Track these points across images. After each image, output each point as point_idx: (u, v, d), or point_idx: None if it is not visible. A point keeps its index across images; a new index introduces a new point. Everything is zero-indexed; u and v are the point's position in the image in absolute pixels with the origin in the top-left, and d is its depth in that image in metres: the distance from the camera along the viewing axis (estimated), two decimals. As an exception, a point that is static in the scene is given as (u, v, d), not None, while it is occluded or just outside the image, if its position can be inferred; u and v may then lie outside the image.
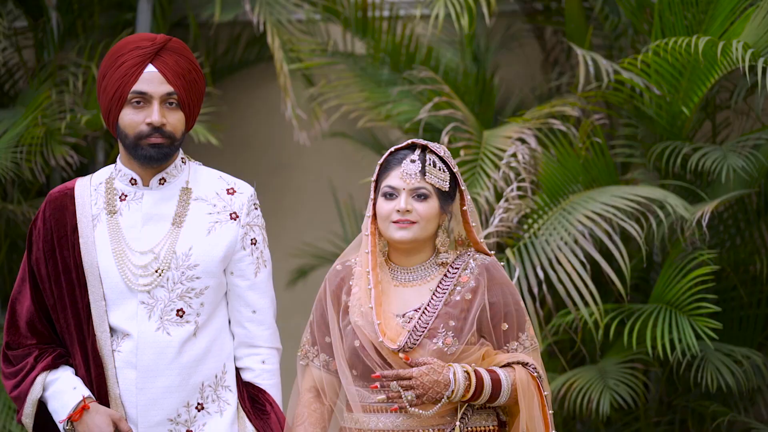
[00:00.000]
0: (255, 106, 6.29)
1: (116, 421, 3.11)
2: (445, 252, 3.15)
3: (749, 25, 4.74)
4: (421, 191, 3.08)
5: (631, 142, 5.37)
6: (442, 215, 3.13)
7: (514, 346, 3.11)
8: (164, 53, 3.14)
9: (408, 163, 3.10)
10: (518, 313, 3.13)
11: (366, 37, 5.81)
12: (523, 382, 3.06)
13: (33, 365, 3.17)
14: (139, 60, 3.12)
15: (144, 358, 3.13)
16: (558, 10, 5.96)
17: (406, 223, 3.08)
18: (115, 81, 3.12)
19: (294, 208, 6.36)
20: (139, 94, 3.11)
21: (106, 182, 3.24)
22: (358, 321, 3.09)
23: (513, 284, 3.18)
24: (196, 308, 3.17)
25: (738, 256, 5.30)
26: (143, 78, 3.11)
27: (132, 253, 3.16)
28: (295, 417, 3.21)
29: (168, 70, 3.13)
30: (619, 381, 4.87)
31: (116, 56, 3.14)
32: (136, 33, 5.64)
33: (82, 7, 5.97)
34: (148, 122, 3.11)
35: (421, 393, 2.99)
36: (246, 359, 3.27)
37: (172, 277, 3.15)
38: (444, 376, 3.00)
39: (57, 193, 3.25)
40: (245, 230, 3.23)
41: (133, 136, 3.12)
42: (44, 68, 5.77)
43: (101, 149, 5.83)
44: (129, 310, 3.15)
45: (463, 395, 3.01)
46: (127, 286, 3.14)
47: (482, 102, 5.78)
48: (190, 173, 3.25)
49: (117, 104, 3.12)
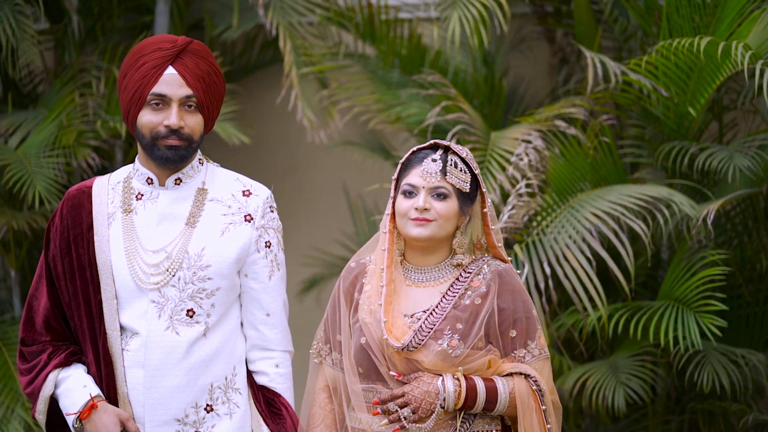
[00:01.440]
0: (269, 108, 6.30)
1: (124, 420, 3.10)
2: (462, 254, 3.13)
3: (756, 28, 4.77)
4: (440, 190, 3.07)
5: (639, 143, 5.40)
6: (461, 217, 3.11)
7: (522, 353, 3.08)
8: (185, 55, 3.12)
9: (429, 162, 3.09)
10: (528, 322, 3.09)
11: (376, 41, 5.84)
12: (523, 395, 3.04)
13: (46, 362, 3.16)
14: (160, 61, 3.10)
15: (152, 357, 3.11)
16: (568, 12, 5.97)
17: (423, 221, 3.06)
18: (135, 81, 3.10)
19: (307, 209, 6.39)
20: (158, 96, 3.10)
21: (124, 181, 3.22)
22: (366, 318, 3.07)
23: (526, 292, 3.13)
24: (207, 309, 3.14)
25: (744, 253, 5.32)
26: (163, 80, 3.10)
27: (144, 251, 3.14)
28: (310, 418, 3.20)
29: (188, 73, 3.11)
30: (631, 375, 4.88)
31: (137, 56, 3.13)
32: (155, 35, 5.78)
33: (102, 10, 6.01)
34: (166, 124, 3.09)
35: (416, 406, 2.99)
36: (259, 362, 3.24)
37: (183, 277, 3.12)
38: (433, 385, 3.00)
39: (75, 191, 3.24)
40: (259, 233, 3.20)
41: (150, 136, 3.11)
42: (65, 70, 5.80)
43: (120, 150, 5.87)
44: (139, 308, 3.13)
45: (456, 403, 3.00)
46: (137, 285, 3.12)
47: (491, 103, 5.79)
48: (207, 174, 3.23)
49: (136, 105, 3.11)
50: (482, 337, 3.05)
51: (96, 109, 5.51)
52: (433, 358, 3.02)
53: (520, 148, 4.94)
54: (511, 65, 6.17)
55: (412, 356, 3.02)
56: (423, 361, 3.02)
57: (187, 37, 3.18)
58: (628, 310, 4.90)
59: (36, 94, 6.05)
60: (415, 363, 3.03)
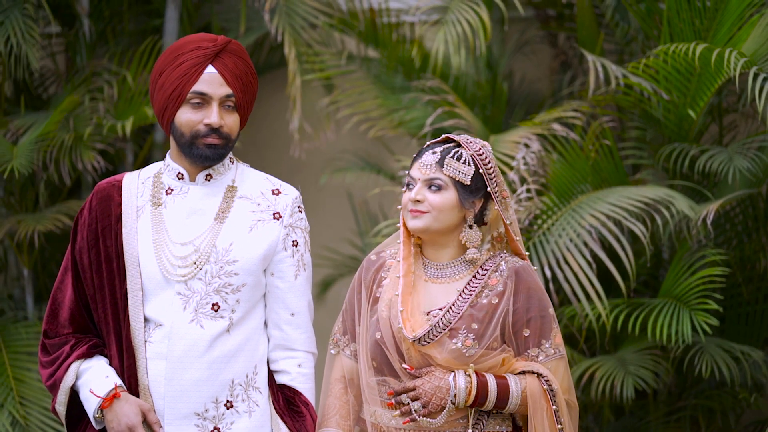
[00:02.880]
0: (276, 109, 6.31)
1: (145, 411, 3.09)
2: (474, 249, 3.07)
3: (754, 32, 4.81)
4: (435, 182, 3.03)
5: (641, 145, 5.43)
6: (465, 210, 3.05)
7: (535, 353, 3.03)
8: (224, 55, 3.13)
9: (429, 154, 3.06)
10: (543, 321, 3.04)
11: (379, 46, 5.86)
12: (534, 394, 3.00)
13: (68, 353, 3.15)
14: (200, 60, 3.10)
15: (175, 349, 3.10)
16: (570, 16, 5.99)
17: (417, 213, 3.04)
18: (175, 80, 3.10)
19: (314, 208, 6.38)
20: (198, 95, 3.10)
21: (154, 176, 3.23)
22: (383, 313, 3.05)
23: (542, 290, 3.07)
24: (232, 304, 3.13)
25: (744, 253, 5.35)
26: (203, 79, 3.10)
27: (172, 244, 3.13)
28: (325, 408, 3.17)
29: (228, 72, 3.12)
30: (640, 366, 4.92)
31: (176, 55, 3.12)
32: (166, 38, 5.84)
33: (112, 14, 6.04)
34: (206, 123, 3.10)
35: (426, 401, 2.98)
36: (282, 362, 3.23)
37: (210, 271, 3.12)
38: (444, 381, 2.98)
39: (105, 184, 3.24)
40: (287, 231, 3.20)
41: (190, 135, 3.11)
42: (78, 73, 5.83)
43: (131, 152, 5.90)
44: (165, 300, 3.12)
45: (466, 399, 2.98)
46: (164, 276, 3.12)
47: (493, 107, 5.81)
48: (237, 173, 3.24)
49: (175, 103, 3.11)
50: (497, 337, 3.01)
51: (103, 113, 5.54)
52: (447, 356, 3.00)
53: (520, 153, 4.96)
54: (515, 68, 6.19)
55: (425, 350, 3.00)
56: (436, 357, 3.00)
57: (226, 37, 3.18)
58: (627, 307, 4.93)
59: (48, 95, 6.08)
60: (429, 358, 3.01)
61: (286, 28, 5.63)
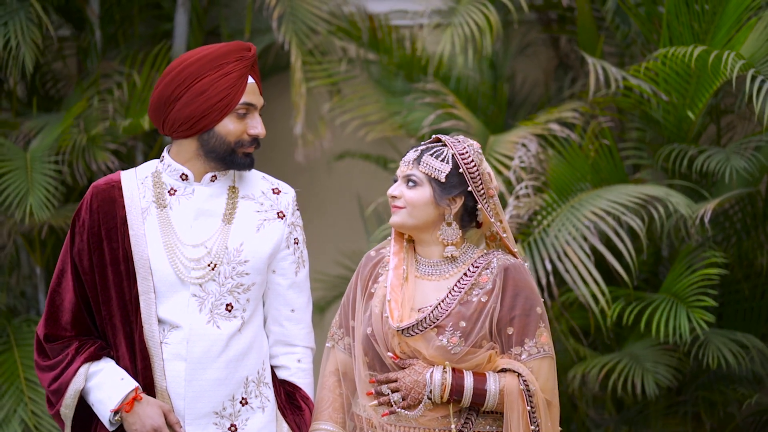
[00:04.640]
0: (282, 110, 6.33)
1: (166, 412, 3.09)
2: (452, 246, 3.07)
3: (752, 35, 4.86)
4: (411, 178, 3.04)
5: (640, 145, 5.47)
6: (441, 207, 3.04)
7: (518, 351, 3.02)
8: (255, 64, 3.16)
9: (411, 152, 3.08)
10: (528, 319, 3.01)
11: (380, 51, 5.88)
12: (511, 393, 2.99)
13: (74, 356, 3.11)
14: (245, 71, 3.11)
15: (194, 350, 3.10)
16: (571, 19, 6.01)
17: (395, 209, 3.06)
18: (224, 89, 3.08)
19: (320, 209, 6.41)
20: (247, 106, 3.12)
21: (152, 176, 3.19)
22: (376, 308, 3.07)
23: (532, 288, 3.05)
24: (243, 304, 3.15)
25: (742, 251, 5.39)
26: (248, 89, 3.12)
27: (183, 246, 3.12)
28: (319, 401, 3.19)
29: (259, 82, 3.17)
30: (656, 362, 4.96)
31: (218, 63, 3.10)
32: (175, 42, 5.87)
33: (123, 18, 6.06)
34: (253, 133, 3.12)
35: (405, 393, 3.00)
36: (282, 357, 3.26)
37: (223, 272, 3.12)
38: (422, 376, 2.99)
39: (104, 185, 3.19)
40: (290, 229, 3.22)
41: (234, 144, 3.12)
42: (88, 76, 5.84)
43: (140, 153, 5.92)
44: (180, 302, 3.12)
45: (441, 395, 2.98)
46: (179, 278, 3.11)
47: (495, 108, 5.83)
48: (235, 173, 3.22)
49: (221, 111, 3.09)
50: (485, 335, 3.01)
51: (113, 114, 5.56)
52: (433, 351, 3.00)
53: (519, 152, 4.99)
54: (517, 70, 6.21)
55: (412, 343, 3.01)
56: (423, 352, 3.01)
57: (252, 45, 3.19)
58: (628, 303, 4.97)
59: (60, 98, 6.11)
60: (417, 352, 3.03)
61: (292, 38, 5.67)
